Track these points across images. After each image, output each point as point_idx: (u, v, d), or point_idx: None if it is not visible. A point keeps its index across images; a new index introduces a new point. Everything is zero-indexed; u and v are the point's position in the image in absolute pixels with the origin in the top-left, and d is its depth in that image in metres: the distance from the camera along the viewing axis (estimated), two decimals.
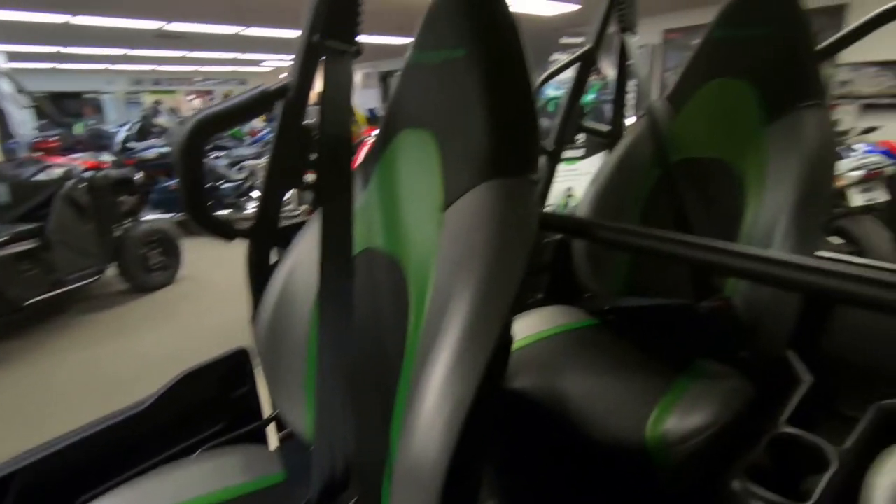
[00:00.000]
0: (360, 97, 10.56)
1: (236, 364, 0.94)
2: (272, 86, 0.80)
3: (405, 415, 0.55)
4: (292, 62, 0.81)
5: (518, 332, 1.10)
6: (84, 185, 3.13)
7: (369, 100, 11.04)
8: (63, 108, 11.43)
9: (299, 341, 0.77)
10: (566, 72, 1.37)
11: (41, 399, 2.38)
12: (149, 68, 11.68)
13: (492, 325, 0.53)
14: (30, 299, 2.85)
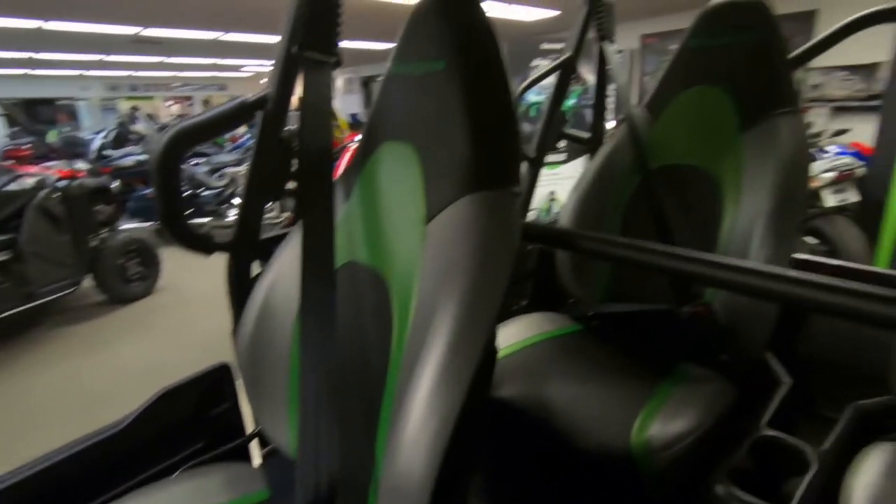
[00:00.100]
0: (342, 102, 10.53)
1: (217, 380, 0.92)
2: (251, 97, 0.79)
3: (390, 430, 0.54)
4: (271, 71, 0.80)
5: (503, 339, 1.10)
6: (58, 194, 3.06)
7: (351, 105, 11.01)
8: (36, 115, 11.17)
9: (282, 356, 0.75)
10: (547, 78, 1.39)
11: (17, 415, 2.31)
12: (125, 74, 11.46)
13: (476, 339, 0.53)
14: (2, 313, 2.76)
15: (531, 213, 1.61)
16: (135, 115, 7.99)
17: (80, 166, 3.68)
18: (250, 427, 0.97)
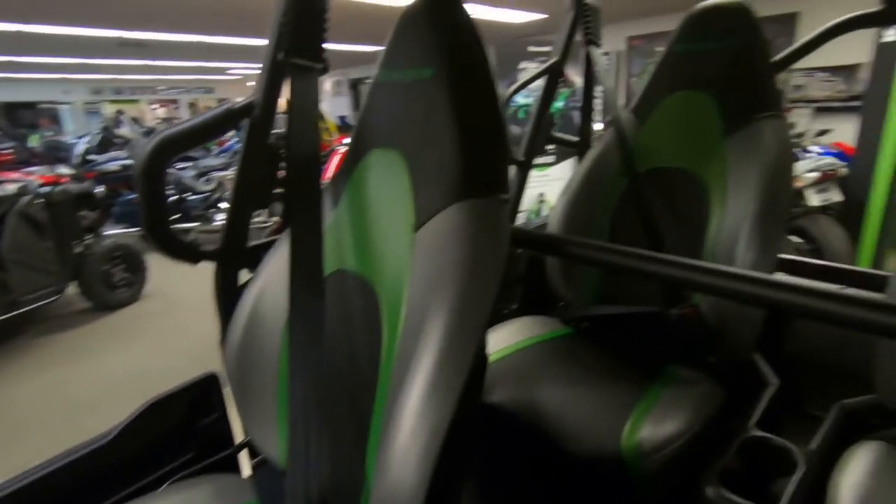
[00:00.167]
0: (330, 105, 10.48)
1: (205, 390, 0.91)
2: (237, 103, 0.78)
3: (381, 439, 0.54)
4: (258, 77, 0.79)
5: (493, 344, 1.10)
6: (41, 201, 3.01)
7: (340, 107, 10.97)
8: (17, 119, 10.96)
9: (270, 365, 0.75)
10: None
11: (1, 426, 2.26)
12: (109, 77, 11.30)
13: (466, 347, 0.53)
14: None
15: (520, 216, 1.62)
16: (119, 118, 7.86)
17: (64, 171, 3.63)
18: (239, 437, 0.96)
